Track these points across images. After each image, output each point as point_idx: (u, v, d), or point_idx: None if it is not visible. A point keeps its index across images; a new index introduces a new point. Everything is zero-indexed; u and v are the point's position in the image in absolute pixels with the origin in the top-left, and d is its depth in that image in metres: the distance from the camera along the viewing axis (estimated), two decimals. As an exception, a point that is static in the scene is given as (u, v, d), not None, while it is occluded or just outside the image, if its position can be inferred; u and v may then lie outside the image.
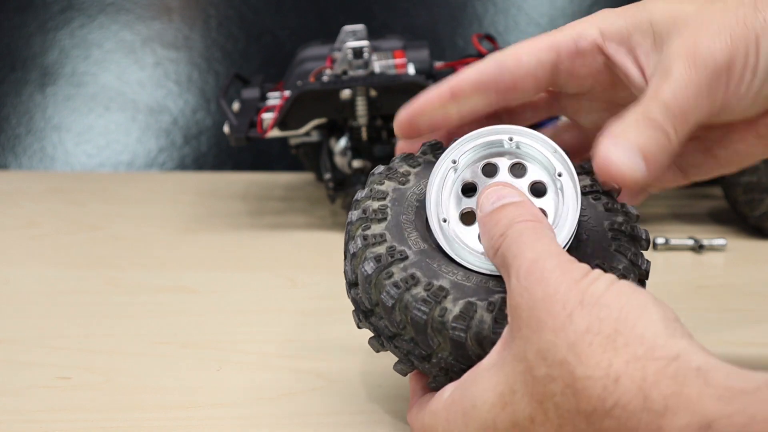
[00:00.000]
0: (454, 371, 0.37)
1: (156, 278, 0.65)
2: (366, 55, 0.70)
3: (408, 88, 0.69)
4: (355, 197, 0.41)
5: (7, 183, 0.91)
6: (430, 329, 0.36)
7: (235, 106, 0.76)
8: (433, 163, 0.40)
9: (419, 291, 0.36)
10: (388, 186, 0.41)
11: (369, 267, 0.38)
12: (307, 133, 0.74)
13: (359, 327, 0.41)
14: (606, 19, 0.41)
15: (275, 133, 0.70)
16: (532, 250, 0.33)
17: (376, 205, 0.40)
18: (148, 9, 0.99)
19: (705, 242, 0.68)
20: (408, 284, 0.37)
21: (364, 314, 0.39)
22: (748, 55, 0.37)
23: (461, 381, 0.36)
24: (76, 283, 0.64)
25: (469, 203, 0.39)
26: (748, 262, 0.67)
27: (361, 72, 0.70)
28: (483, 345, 0.35)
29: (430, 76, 0.74)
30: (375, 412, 0.45)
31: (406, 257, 0.38)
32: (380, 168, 0.42)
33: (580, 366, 0.30)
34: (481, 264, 0.37)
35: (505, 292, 0.35)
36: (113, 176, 0.95)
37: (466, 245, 0.38)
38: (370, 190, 0.41)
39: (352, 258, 0.39)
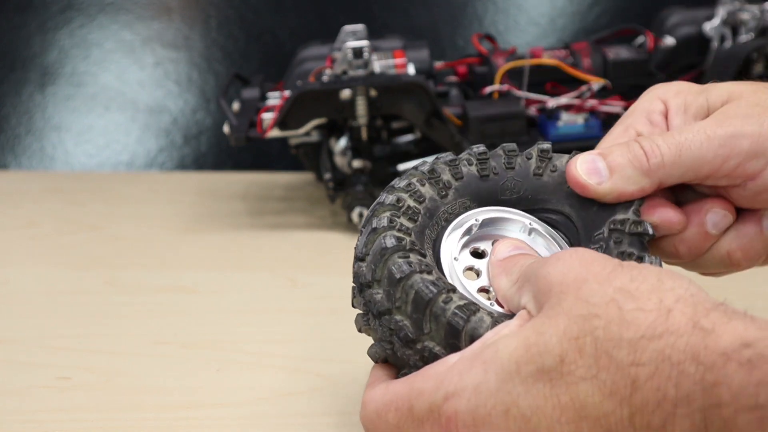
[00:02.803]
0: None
1: (156, 278, 0.65)
2: (366, 55, 0.70)
3: (408, 88, 0.69)
4: (393, 183, 0.42)
5: (6, 183, 0.91)
6: (429, 311, 0.36)
7: (235, 106, 0.76)
8: (476, 178, 0.42)
9: (430, 277, 0.37)
10: (427, 192, 0.41)
11: (389, 242, 0.38)
12: (307, 133, 0.74)
13: (353, 305, 0.40)
14: (672, 96, 0.42)
15: (275, 133, 0.70)
16: (556, 254, 0.35)
17: (411, 203, 0.40)
18: (148, 9, 0.99)
19: (705, 242, 0.68)
20: (421, 268, 0.37)
21: (360, 287, 0.39)
22: None
23: (479, 341, 0.34)
24: (76, 283, 0.64)
25: (472, 262, 0.41)
26: (748, 262, 0.67)
27: (361, 72, 0.70)
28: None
29: (430, 76, 0.74)
30: None
31: (424, 255, 0.38)
32: (426, 165, 0.42)
33: (631, 301, 0.31)
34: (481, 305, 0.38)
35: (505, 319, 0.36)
36: (113, 176, 0.95)
37: (467, 289, 0.39)
38: (409, 185, 0.41)
39: (370, 232, 0.39)
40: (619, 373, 0.30)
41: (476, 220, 0.41)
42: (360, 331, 0.40)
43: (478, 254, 0.41)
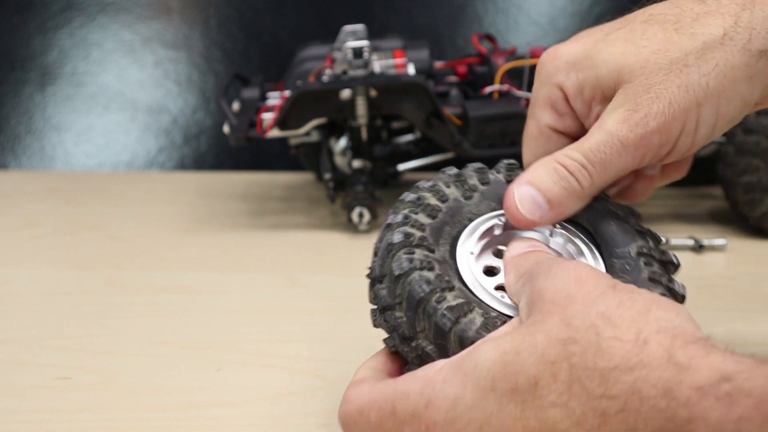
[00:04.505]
0: (428, 363, 0.36)
1: (156, 278, 0.65)
2: (366, 55, 0.70)
3: (408, 88, 0.69)
4: (418, 184, 0.42)
5: (6, 183, 0.91)
6: (422, 310, 0.36)
7: (235, 106, 0.76)
8: (502, 184, 0.42)
9: (429, 275, 0.37)
10: (452, 193, 0.41)
11: (397, 237, 0.39)
12: (307, 133, 0.74)
13: (370, 300, 0.40)
14: (565, 77, 0.42)
15: (275, 133, 0.70)
16: (563, 258, 0.36)
17: (433, 201, 0.41)
18: (148, 9, 0.99)
19: (705, 242, 0.68)
20: (422, 265, 0.37)
21: (372, 282, 0.40)
22: (687, 121, 0.39)
23: (465, 351, 0.34)
24: (75, 283, 0.64)
25: (493, 262, 0.41)
26: (748, 262, 0.67)
27: (361, 72, 0.70)
28: (463, 345, 0.35)
29: (430, 76, 0.74)
30: (375, 412, 0.45)
31: (432, 251, 0.38)
32: (453, 170, 0.43)
33: (610, 329, 0.30)
34: (490, 302, 0.38)
35: (505, 321, 0.36)
36: (113, 176, 0.95)
37: (482, 285, 0.39)
38: (434, 186, 0.42)
39: (385, 227, 0.40)
40: (588, 404, 0.29)
41: (500, 220, 0.41)
42: (375, 325, 0.40)
43: (501, 255, 0.41)
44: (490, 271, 0.40)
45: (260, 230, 0.75)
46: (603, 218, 0.41)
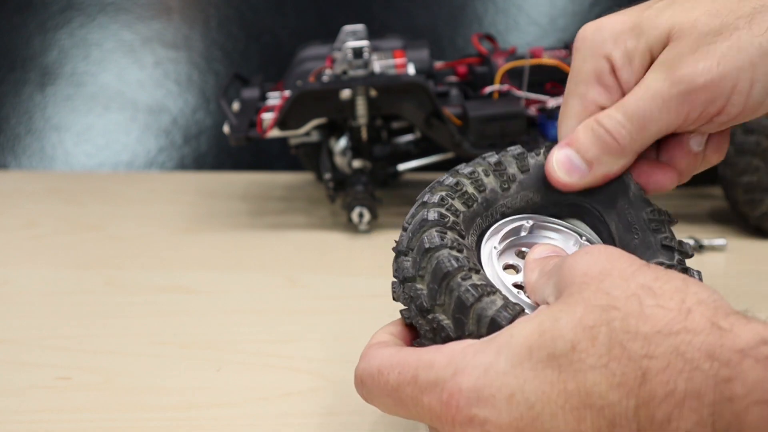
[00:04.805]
0: (441, 337, 0.36)
1: (156, 278, 0.65)
2: (366, 55, 0.70)
3: (408, 88, 0.69)
4: (457, 168, 0.42)
5: (6, 183, 0.91)
6: (446, 284, 0.36)
7: (235, 106, 0.76)
8: (542, 166, 0.42)
9: (458, 255, 0.37)
10: (489, 183, 0.42)
11: (432, 215, 0.39)
12: (307, 133, 0.74)
13: (393, 273, 0.40)
14: (613, 46, 0.41)
15: (275, 133, 0.70)
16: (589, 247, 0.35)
17: (470, 189, 0.41)
18: (148, 9, 0.99)
19: (705, 242, 0.68)
20: (452, 244, 0.37)
21: (397, 254, 0.40)
22: (740, 80, 0.38)
23: (496, 333, 0.34)
24: (75, 283, 0.64)
25: (514, 260, 0.41)
26: (748, 262, 0.67)
27: (361, 72, 0.70)
28: (481, 323, 0.35)
29: (430, 76, 0.74)
30: (374, 413, 0.45)
31: (463, 237, 0.39)
32: (495, 156, 0.43)
33: (652, 298, 0.31)
34: (507, 294, 0.38)
35: (523, 310, 0.36)
36: (113, 176, 0.95)
37: (501, 279, 0.39)
38: (473, 172, 0.42)
39: (420, 205, 0.40)
40: (630, 365, 0.30)
41: (528, 222, 0.42)
42: (394, 298, 0.40)
43: (522, 256, 0.42)
44: (509, 268, 0.41)
45: (260, 230, 0.75)
46: (631, 230, 0.41)
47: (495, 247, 0.41)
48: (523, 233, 0.42)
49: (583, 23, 0.43)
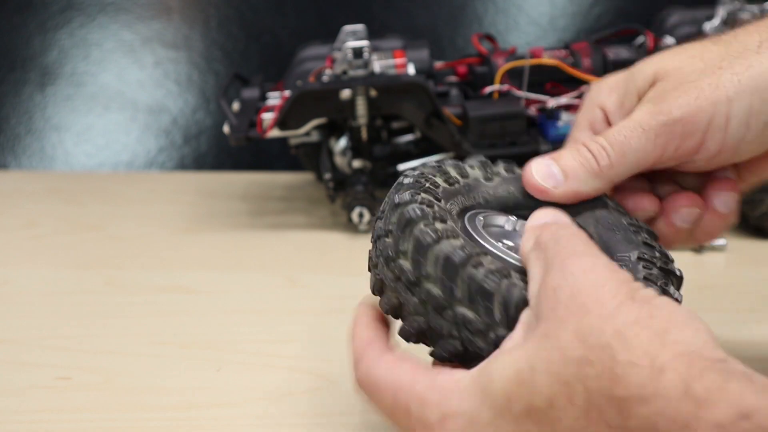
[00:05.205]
0: (403, 282, 0.36)
1: (156, 278, 0.65)
2: (366, 55, 0.70)
3: (408, 88, 0.69)
4: (443, 158, 0.43)
5: (6, 183, 0.91)
6: (409, 230, 0.36)
7: (235, 106, 0.76)
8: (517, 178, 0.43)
9: (426, 208, 0.37)
10: (473, 173, 0.42)
11: (406, 181, 0.39)
12: (307, 133, 0.74)
13: (369, 262, 0.40)
14: (607, 97, 0.44)
15: (275, 133, 0.70)
16: (582, 246, 0.34)
17: (453, 173, 0.41)
18: (148, 9, 0.99)
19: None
20: (422, 201, 0.37)
21: (376, 239, 0.39)
22: (716, 114, 0.39)
23: (483, 363, 0.34)
24: (75, 283, 0.64)
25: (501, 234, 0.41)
26: (748, 262, 0.67)
27: (361, 72, 0.70)
28: (437, 264, 0.35)
29: (430, 76, 0.74)
30: (375, 413, 0.45)
31: (439, 201, 0.39)
32: (481, 157, 0.44)
33: (625, 352, 0.29)
34: (492, 248, 0.38)
35: (524, 281, 0.35)
36: (113, 176, 0.95)
37: (487, 237, 0.39)
38: (457, 164, 0.42)
39: (397, 187, 0.39)
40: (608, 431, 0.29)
41: (509, 218, 0.41)
42: (372, 292, 0.40)
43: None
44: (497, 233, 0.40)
45: (260, 230, 0.75)
46: (612, 230, 0.41)
47: (480, 219, 0.40)
48: (508, 227, 0.41)
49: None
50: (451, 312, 0.35)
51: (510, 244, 0.39)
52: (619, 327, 0.30)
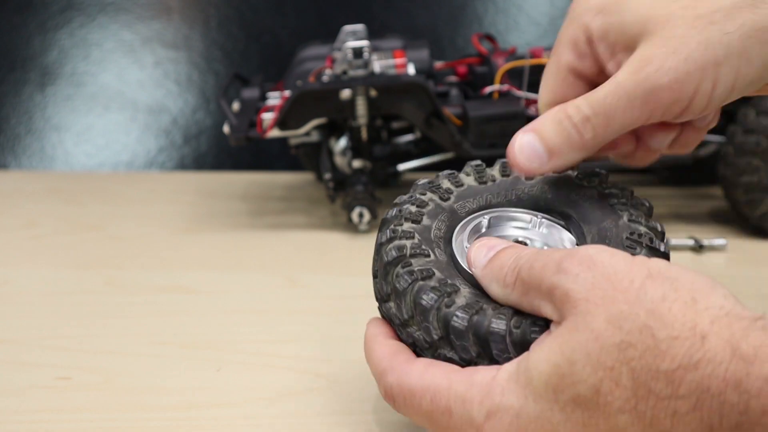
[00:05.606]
0: (420, 348, 0.38)
1: (156, 278, 0.65)
2: (366, 55, 0.70)
3: (408, 88, 0.69)
4: (398, 200, 0.44)
5: (6, 183, 0.91)
6: (392, 274, 0.38)
7: (235, 106, 0.76)
8: (473, 186, 0.44)
9: (404, 243, 0.39)
10: (430, 197, 0.43)
11: (391, 213, 0.42)
12: (307, 133, 0.74)
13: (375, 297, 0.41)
14: (592, 18, 0.42)
15: (275, 133, 0.70)
16: (559, 254, 0.34)
17: (413, 209, 0.42)
18: (148, 9, 0.99)
19: (705, 242, 0.68)
20: (402, 255, 0.39)
21: (373, 277, 0.41)
22: (703, 80, 0.37)
23: (518, 359, 0.34)
24: (75, 283, 0.64)
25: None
26: (748, 262, 0.67)
27: (361, 72, 0.70)
28: (416, 308, 0.36)
29: (430, 76, 0.74)
30: (374, 413, 0.45)
31: (418, 222, 0.41)
32: (423, 181, 0.45)
33: (664, 329, 0.30)
34: None
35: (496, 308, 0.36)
36: (113, 176, 0.95)
37: None
38: (411, 197, 0.43)
39: (382, 222, 0.42)
40: (659, 405, 0.29)
41: (484, 218, 0.42)
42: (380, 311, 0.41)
43: None
44: None
45: (260, 230, 0.75)
46: (593, 209, 0.42)
47: (467, 248, 0.41)
48: (483, 229, 0.43)
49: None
50: (436, 350, 0.37)
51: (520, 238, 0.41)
52: (649, 307, 0.30)
